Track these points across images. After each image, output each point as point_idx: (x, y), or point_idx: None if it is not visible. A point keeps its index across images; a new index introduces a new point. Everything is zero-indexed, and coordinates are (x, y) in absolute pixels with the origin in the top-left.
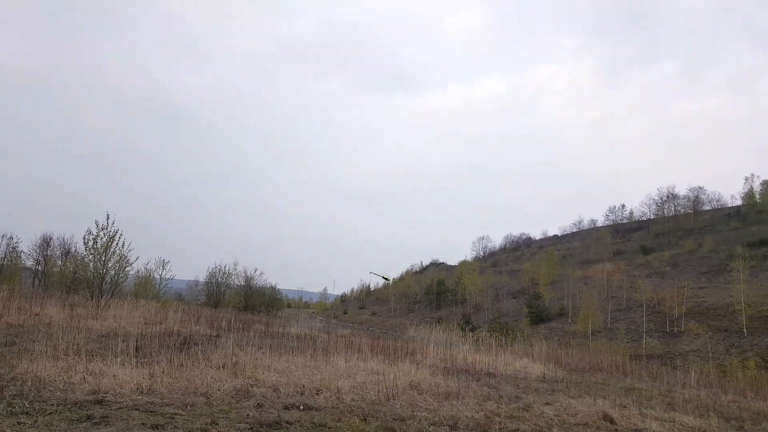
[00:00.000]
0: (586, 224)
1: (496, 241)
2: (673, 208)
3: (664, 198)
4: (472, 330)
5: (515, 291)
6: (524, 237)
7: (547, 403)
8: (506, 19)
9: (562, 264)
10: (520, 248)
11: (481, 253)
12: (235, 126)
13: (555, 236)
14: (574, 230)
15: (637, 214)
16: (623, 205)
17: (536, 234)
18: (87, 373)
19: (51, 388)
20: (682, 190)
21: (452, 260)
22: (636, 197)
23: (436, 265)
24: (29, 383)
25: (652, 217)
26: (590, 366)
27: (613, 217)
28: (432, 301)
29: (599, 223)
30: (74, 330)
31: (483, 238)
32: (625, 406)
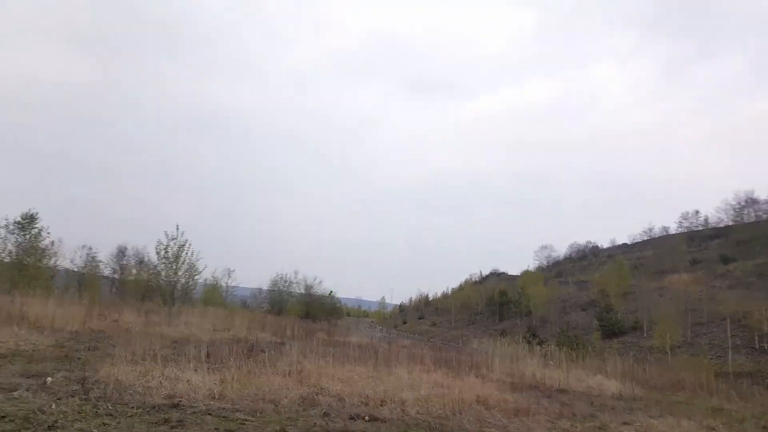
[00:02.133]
0: (657, 231)
1: (560, 250)
2: (753, 214)
3: (743, 203)
4: (540, 343)
5: (584, 303)
6: (591, 246)
7: (625, 423)
8: (555, 20)
9: (634, 274)
10: (586, 257)
11: (545, 263)
12: (287, 136)
13: (624, 245)
14: (645, 238)
15: (712, 220)
16: (697, 211)
17: (603, 242)
18: (163, 378)
19: (131, 392)
20: (762, 194)
21: (512, 270)
22: (711, 202)
23: (496, 275)
24: (111, 386)
25: (731, 223)
26: (671, 384)
27: (687, 224)
28: (494, 313)
29: (671, 231)
30: (150, 336)
31: (546, 247)
32: (713, 429)
